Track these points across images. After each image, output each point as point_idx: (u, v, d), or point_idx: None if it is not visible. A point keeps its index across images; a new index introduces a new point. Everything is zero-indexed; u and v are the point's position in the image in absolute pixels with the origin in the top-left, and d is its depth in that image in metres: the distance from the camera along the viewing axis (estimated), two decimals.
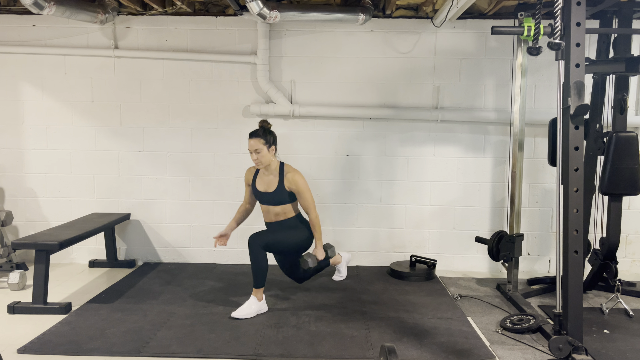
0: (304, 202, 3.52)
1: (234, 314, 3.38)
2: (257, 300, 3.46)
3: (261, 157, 3.43)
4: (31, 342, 2.97)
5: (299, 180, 3.47)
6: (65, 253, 4.69)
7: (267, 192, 3.53)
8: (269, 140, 3.44)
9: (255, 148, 3.41)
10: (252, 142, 3.42)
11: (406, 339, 3.06)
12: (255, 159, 3.44)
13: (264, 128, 3.48)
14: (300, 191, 3.49)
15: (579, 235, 2.79)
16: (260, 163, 3.46)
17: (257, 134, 3.43)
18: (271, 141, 3.46)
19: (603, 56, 3.81)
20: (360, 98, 4.54)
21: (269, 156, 3.46)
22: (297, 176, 3.48)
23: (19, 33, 4.54)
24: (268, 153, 3.45)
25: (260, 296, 3.48)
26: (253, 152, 3.43)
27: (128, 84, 4.57)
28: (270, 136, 3.46)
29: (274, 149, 3.49)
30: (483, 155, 4.55)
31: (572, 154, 2.79)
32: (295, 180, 3.47)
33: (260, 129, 3.46)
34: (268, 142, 3.44)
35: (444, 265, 4.61)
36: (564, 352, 2.72)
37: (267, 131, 3.47)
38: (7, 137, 4.63)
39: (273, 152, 3.49)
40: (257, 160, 3.44)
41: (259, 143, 3.41)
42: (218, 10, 4.51)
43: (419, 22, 4.45)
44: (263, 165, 3.48)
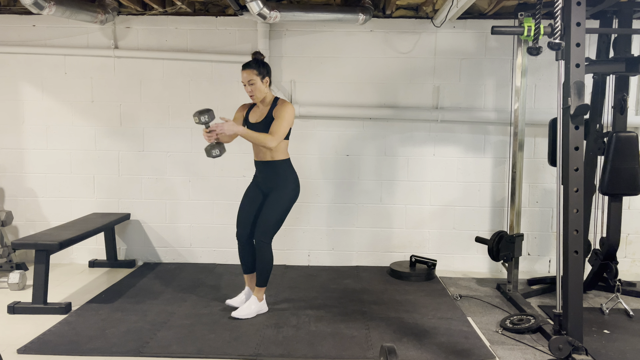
0: (273, 126, 3.23)
1: (234, 314, 3.37)
2: (258, 300, 3.45)
3: (255, 89, 3.29)
4: (31, 342, 2.97)
5: (285, 108, 3.27)
6: (65, 253, 4.69)
7: (257, 123, 3.36)
8: (262, 71, 3.29)
9: (249, 79, 3.26)
10: (245, 74, 3.27)
11: (406, 339, 3.06)
12: (249, 91, 3.30)
13: (257, 59, 3.33)
14: (278, 115, 3.25)
15: (579, 235, 2.79)
16: (254, 96, 3.32)
17: (250, 65, 3.28)
18: (265, 72, 3.31)
19: (603, 56, 3.81)
20: (360, 98, 4.54)
21: (263, 88, 3.32)
22: (286, 105, 3.29)
23: (19, 33, 4.54)
24: (262, 85, 3.30)
25: (261, 296, 3.47)
26: (247, 83, 3.28)
27: (128, 84, 4.57)
28: (263, 68, 3.31)
29: (268, 81, 3.33)
30: (483, 155, 4.55)
31: (572, 154, 2.79)
32: (283, 107, 3.28)
33: (252, 61, 3.31)
34: (261, 74, 3.29)
35: (444, 265, 4.61)
36: (564, 352, 2.72)
37: (260, 62, 3.31)
38: (7, 137, 4.63)
39: (267, 83, 3.33)
40: (251, 93, 3.31)
41: (252, 74, 3.26)
42: (218, 10, 4.51)
43: (419, 22, 4.45)
44: (258, 98, 3.33)
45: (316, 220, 4.65)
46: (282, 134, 3.24)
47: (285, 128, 3.25)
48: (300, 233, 4.66)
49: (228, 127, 3.10)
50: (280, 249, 4.55)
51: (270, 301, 3.68)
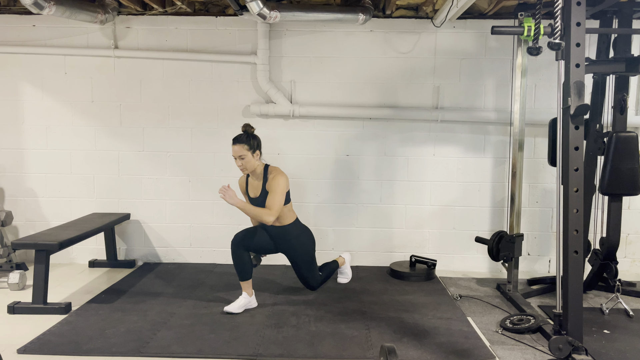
0: (269, 201, 3.39)
1: (226, 308, 3.44)
2: (248, 295, 3.51)
3: (246, 163, 3.39)
4: (31, 342, 2.97)
5: (276, 181, 3.40)
6: (65, 253, 4.69)
7: (255, 198, 3.51)
8: (252, 145, 3.39)
9: (240, 154, 3.37)
10: (236, 148, 3.37)
11: (406, 339, 3.06)
12: (240, 165, 3.40)
13: (248, 133, 3.41)
14: (272, 189, 3.39)
15: (579, 235, 2.79)
16: (245, 169, 3.42)
17: (241, 140, 3.37)
18: (255, 146, 3.41)
19: (603, 56, 3.81)
20: (360, 98, 4.54)
21: (254, 161, 3.42)
22: (277, 177, 3.41)
23: (19, 33, 4.54)
24: (252, 158, 3.40)
25: (250, 291, 3.53)
26: (237, 158, 3.38)
27: (128, 84, 4.57)
28: (254, 141, 3.41)
29: (258, 154, 3.44)
30: (483, 155, 4.55)
31: (572, 154, 2.79)
32: (274, 181, 3.41)
33: (243, 134, 3.40)
34: (252, 148, 3.39)
35: (444, 265, 4.61)
36: (564, 352, 2.72)
37: (250, 136, 3.41)
38: (7, 137, 4.63)
39: (258, 157, 3.44)
40: (242, 167, 3.40)
41: (243, 149, 3.36)
42: (218, 10, 4.51)
43: (419, 22, 4.45)
44: (248, 171, 3.45)
45: (316, 220, 4.65)
46: (279, 207, 3.40)
47: (280, 200, 3.40)
48: None
49: (230, 198, 3.28)
50: None
51: (270, 301, 3.68)
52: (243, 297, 3.51)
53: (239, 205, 3.30)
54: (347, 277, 4.17)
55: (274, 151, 4.56)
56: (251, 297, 3.55)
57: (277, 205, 3.38)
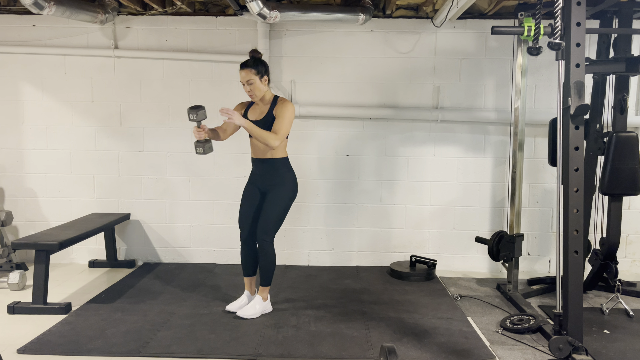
0: (276, 125, 3.23)
1: (240, 313, 3.36)
2: (263, 300, 3.45)
3: (254, 89, 3.27)
4: (31, 342, 2.97)
5: (286, 107, 3.26)
6: (65, 253, 4.69)
7: (256, 121, 3.33)
8: (260, 70, 3.27)
9: (247, 79, 3.24)
10: (244, 73, 3.25)
11: (406, 339, 3.06)
12: (248, 90, 3.28)
13: (255, 58, 3.30)
14: (280, 114, 3.25)
15: (579, 235, 2.78)
16: (254, 95, 3.30)
17: (248, 65, 3.25)
18: (263, 71, 3.29)
19: (603, 56, 3.81)
20: (360, 98, 4.54)
21: (262, 86, 3.30)
22: (287, 104, 3.28)
23: (19, 33, 4.54)
24: (261, 83, 3.28)
25: (266, 296, 3.47)
26: (245, 83, 3.26)
27: (128, 84, 4.57)
28: (262, 66, 3.29)
29: (266, 79, 3.32)
30: (483, 155, 4.54)
31: (572, 154, 2.79)
32: (284, 105, 3.27)
33: (250, 59, 3.29)
34: (260, 72, 3.27)
35: (444, 265, 4.61)
36: (564, 352, 2.72)
37: (258, 61, 3.29)
38: (7, 137, 4.63)
39: (266, 82, 3.32)
40: (250, 92, 3.29)
41: (251, 73, 3.24)
42: (218, 10, 4.51)
43: (419, 22, 4.45)
44: (257, 97, 3.31)
45: (316, 220, 4.65)
46: (285, 133, 3.26)
47: (287, 127, 3.26)
48: (300, 233, 4.66)
49: (237, 118, 3.11)
50: (280, 249, 4.54)
51: (270, 301, 3.68)
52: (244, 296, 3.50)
53: (247, 125, 3.15)
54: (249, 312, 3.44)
55: None
56: (253, 295, 3.53)
57: (283, 130, 3.23)
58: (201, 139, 3.20)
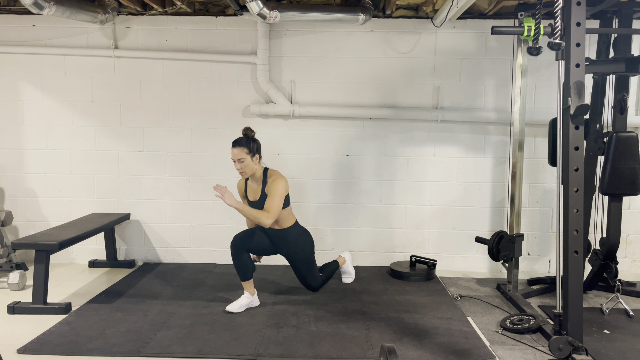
0: (267, 203, 3.37)
1: (228, 308, 3.46)
2: (250, 294, 3.53)
3: (245, 167, 3.38)
4: (31, 342, 2.97)
5: (275, 184, 3.39)
6: (65, 253, 4.69)
7: (255, 201, 3.50)
8: (252, 148, 3.38)
9: (239, 157, 3.35)
10: (236, 152, 3.35)
11: (406, 339, 3.06)
12: (239, 168, 3.38)
13: (248, 136, 3.40)
14: (270, 192, 3.38)
15: (579, 235, 2.79)
16: (244, 172, 3.41)
17: (241, 143, 3.36)
18: (255, 149, 3.40)
19: (603, 56, 3.81)
20: (360, 98, 4.54)
21: (253, 165, 3.40)
22: (276, 180, 3.40)
23: (19, 33, 4.54)
24: (252, 162, 3.39)
25: (252, 291, 3.54)
26: (237, 161, 3.37)
27: (128, 84, 4.57)
28: (254, 144, 3.39)
29: (257, 158, 3.43)
30: (483, 155, 4.55)
31: (572, 154, 2.79)
32: (273, 184, 3.40)
33: (243, 138, 3.39)
34: (252, 151, 3.37)
35: (444, 265, 4.61)
36: (564, 352, 2.72)
37: (250, 139, 3.39)
38: (7, 137, 4.63)
39: (257, 160, 3.43)
40: (241, 170, 3.38)
41: (242, 152, 3.34)
42: (218, 10, 4.51)
43: (419, 22, 4.45)
44: (248, 175, 3.43)
45: (316, 220, 4.65)
46: (277, 210, 3.38)
47: (278, 203, 3.38)
48: None
49: (228, 199, 3.21)
50: None
51: (271, 301, 3.68)
52: (245, 296, 3.52)
53: (237, 206, 3.26)
54: (350, 276, 4.17)
55: (274, 151, 4.56)
56: (253, 296, 3.56)
57: (275, 208, 3.35)
58: None
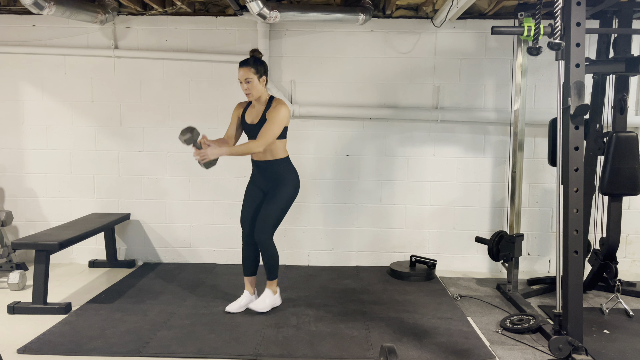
0: (263, 129, 3.23)
1: (251, 306, 3.41)
2: (272, 293, 3.48)
3: (251, 87, 3.28)
4: (31, 342, 2.97)
5: (277, 110, 3.25)
6: (65, 253, 4.69)
7: (252, 124, 3.37)
8: (259, 70, 3.29)
9: (246, 77, 3.26)
10: (242, 72, 3.27)
11: (406, 339, 3.06)
12: (245, 88, 3.29)
13: (255, 57, 3.33)
14: (270, 118, 3.24)
15: (579, 235, 2.79)
16: (250, 94, 3.31)
17: (248, 63, 3.28)
18: (262, 71, 3.31)
19: (603, 56, 3.81)
20: (360, 98, 4.54)
21: (260, 86, 3.31)
22: (279, 107, 3.27)
23: (19, 33, 4.54)
24: (259, 83, 3.29)
25: (275, 289, 3.50)
26: (243, 81, 3.27)
27: (128, 84, 4.57)
28: (261, 66, 3.31)
29: (264, 80, 3.33)
30: (483, 155, 4.55)
31: (572, 154, 2.79)
32: (275, 109, 3.26)
33: (250, 58, 3.31)
34: (259, 72, 3.28)
35: (444, 265, 4.61)
36: (564, 352, 2.72)
37: (258, 60, 3.31)
38: (7, 137, 4.63)
39: (264, 82, 3.33)
40: (247, 91, 3.29)
41: (250, 72, 3.26)
42: (218, 10, 4.51)
43: (419, 22, 4.45)
44: (254, 97, 3.33)
45: (316, 220, 4.65)
46: (271, 137, 3.23)
47: (274, 131, 3.24)
48: (300, 233, 4.66)
49: (211, 152, 3.12)
50: (280, 249, 4.53)
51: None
52: (244, 296, 3.52)
53: (226, 152, 3.15)
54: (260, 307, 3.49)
55: None
56: (252, 295, 3.54)
57: (269, 134, 3.21)
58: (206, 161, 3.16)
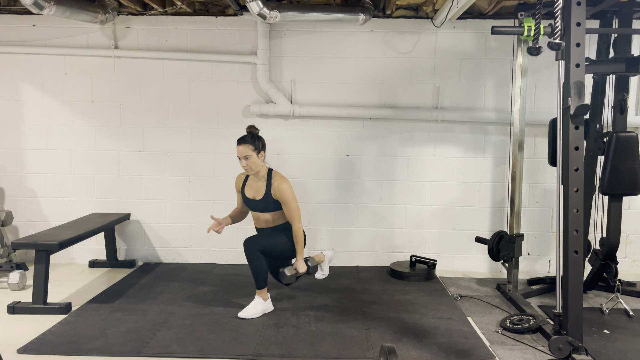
0: (288, 212, 3.42)
1: (240, 314, 3.38)
2: (263, 300, 3.46)
3: (251, 164, 3.39)
4: (31, 342, 2.97)
5: (284, 189, 3.39)
6: (65, 253, 4.69)
7: (255, 200, 3.50)
8: (257, 146, 3.39)
9: (245, 154, 3.36)
10: (241, 149, 3.37)
11: (406, 339, 3.06)
12: (244, 165, 3.40)
13: (252, 134, 3.42)
14: (285, 201, 3.40)
15: (579, 235, 2.79)
16: (250, 169, 3.42)
17: (246, 140, 3.38)
18: (260, 147, 3.41)
19: (603, 56, 3.81)
20: (360, 98, 4.54)
21: (259, 162, 3.42)
22: (283, 185, 3.40)
23: (19, 33, 4.54)
24: (257, 159, 3.40)
25: (265, 296, 3.48)
26: (242, 158, 3.38)
27: (128, 84, 4.57)
28: (259, 142, 3.41)
29: (263, 155, 3.45)
30: (483, 155, 4.55)
31: (572, 154, 2.79)
32: (281, 189, 3.39)
33: (248, 135, 3.41)
34: (257, 148, 3.39)
35: (444, 265, 4.61)
36: (564, 352, 2.72)
37: (255, 137, 3.41)
38: (7, 137, 4.63)
39: (262, 157, 3.45)
40: (246, 167, 3.40)
41: (248, 149, 3.36)
42: (218, 10, 4.51)
43: (419, 22, 4.45)
44: (253, 172, 3.44)
45: (316, 220, 4.65)
46: (298, 212, 3.44)
47: (296, 206, 3.43)
48: None
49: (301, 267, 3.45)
50: None
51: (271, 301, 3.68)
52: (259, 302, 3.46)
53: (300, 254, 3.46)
54: (324, 274, 3.86)
55: (274, 151, 4.56)
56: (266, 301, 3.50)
57: (296, 211, 3.43)
58: None
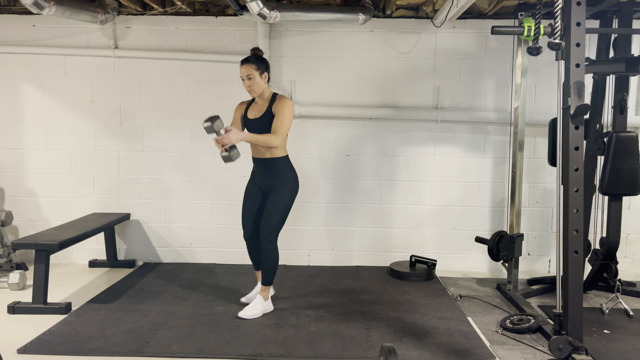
0: (275, 124, 3.25)
1: (240, 314, 3.37)
2: (264, 299, 3.46)
3: (253, 84, 3.30)
4: (31, 342, 2.97)
5: (284, 103, 3.28)
6: (65, 253, 4.69)
7: (255, 119, 3.38)
8: (261, 66, 3.31)
9: (248, 74, 3.28)
10: (244, 69, 3.29)
11: (406, 339, 3.06)
12: (247, 85, 3.31)
13: (256, 55, 3.36)
14: (279, 113, 3.26)
15: (579, 235, 2.79)
16: (253, 90, 3.32)
17: (249, 60, 3.30)
18: (263, 68, 3.33)
19: (603, 56, 3.81)
20: (360, 98, 4.54)
21: (262, 83, 3.33)
22: (285, 101, 3.30)
23: (19, 33, 4.54)
24: (260, 80, 3.31)
25: (267, 295, 3.48)
26: (245, 78, 3.30)
27: (128, 84, 4.58)
28: (262, 63, 3.33)
29: (266, 76, 3.35)
30: (483, 155, 4.55)
31: (572, 154, 2.79)
32: (282, 102, 3.29)
33: (252, 56, 3.33)
34: (260, 69, 3.31)
35: (444, 265, 4.61)
36: (564, 352, 2.72)
37: (259, 58, 3.34)
38: (7, 137, 4.63)
39: (266, 79, 3.35)
40: (249, 87, 3.31)
41: (251, 69, 3.28)
42: (218, 10, 4.51)
43: (419, 22, 4.45)
44: (256, 93, 3.34)
45: (316, 220, 4.65)
46: (285, 131, 3.28)
47: (287, 125, 3.28)
48: (300, 233, 4.66)
49: (234, 136, 3.07)
50: (280, 249, 4.50)
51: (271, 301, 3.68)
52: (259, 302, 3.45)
53: (247, 137, 3.16)
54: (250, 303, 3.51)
55: None
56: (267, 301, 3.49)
57: (284, 128, 3.26)
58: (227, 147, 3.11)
